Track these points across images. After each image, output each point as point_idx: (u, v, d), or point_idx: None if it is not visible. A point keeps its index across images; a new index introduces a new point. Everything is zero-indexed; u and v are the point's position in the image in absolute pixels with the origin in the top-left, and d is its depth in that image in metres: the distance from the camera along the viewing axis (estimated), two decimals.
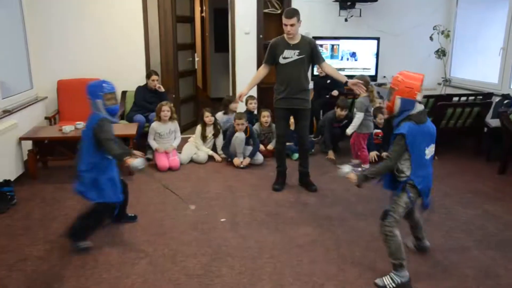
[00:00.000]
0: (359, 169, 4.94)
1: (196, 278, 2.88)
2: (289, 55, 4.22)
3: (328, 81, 6.07)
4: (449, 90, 6.88)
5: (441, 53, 6.84)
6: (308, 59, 4.25)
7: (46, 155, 5.09)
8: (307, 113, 4.39)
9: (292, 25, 4.10)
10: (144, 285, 2.81)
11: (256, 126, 5.60)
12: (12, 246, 3.29)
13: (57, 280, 2.86)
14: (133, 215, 3.76)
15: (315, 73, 6.37)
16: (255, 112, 5.93)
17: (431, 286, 2.80)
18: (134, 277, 2.90)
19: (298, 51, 4.20)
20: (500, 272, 2.97)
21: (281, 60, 4.25)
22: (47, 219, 3.78)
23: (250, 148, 5.32)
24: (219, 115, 5.82)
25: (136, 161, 3.10)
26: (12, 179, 4.29)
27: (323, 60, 4.38)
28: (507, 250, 3.26)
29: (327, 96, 6.15)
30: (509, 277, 2.91)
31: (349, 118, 5.64)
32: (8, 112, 4.67)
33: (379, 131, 5.50)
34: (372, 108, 5.16)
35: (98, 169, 3.19)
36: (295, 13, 4.11)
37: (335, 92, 6.06)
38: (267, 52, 4.38)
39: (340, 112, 5.51)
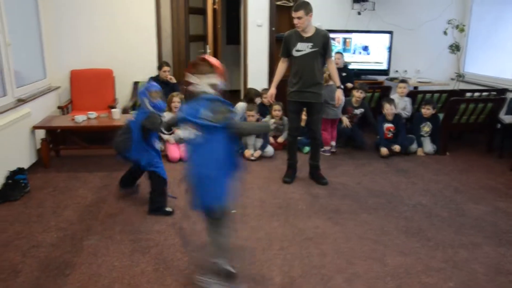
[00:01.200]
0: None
1: None
2: (302, 48, 4.21)
3: (344, 74, 6.05)
4: (463, 86, 6.82)
5: (455, 47, 6.78)
6: (322, 52, 4.22)
7: (58, 144, 5.14)
8: (319, 106, 4.38)
9: (299, 17, 4.09)
10: (154, 274, 2.83)
11: (267, 119, 5.60)
12: (25, 233, 3.34)
13: (69, 266, 2.89)
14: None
15: None
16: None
17: (441, 281, 2.80)
18: (144, 266, 2.93)
19: (311, 44, 4.18)
20: (511, 269, 2.95)
21: (294, 53, 4.25)
22: (60, 207, 3.83)
23: (261, 140, 5.32)
24: (241, 104, 5.81)
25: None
26: (25, 167, 4.35)
27: (331, 57, 4.36)
28: None
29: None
30: None
31: (365, 107, 5.63)
32: (22, 101, 4.71)
33: (391, 125, 5.47)
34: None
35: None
36: (302, 6, 4.09)
37: (349, 85, 6.03)
38: (282, 45, 4.38)
39: (358, 94, 5.54)
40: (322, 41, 4.19)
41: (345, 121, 5.57)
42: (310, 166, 4.61)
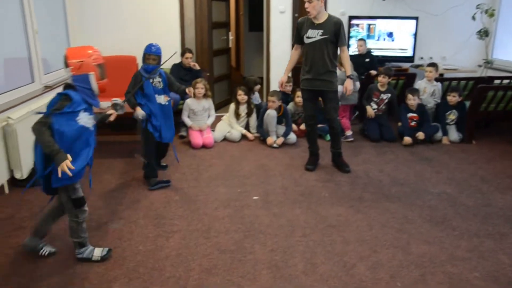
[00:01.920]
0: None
1: (229, 254, 2.93)
2: (313, 35, 4.16)
3: (367, 60, 5.95)
4: (491, 73, 6.64)
5: (483, 33, 6.59)
6: (333, 39, 4.15)
7: None
8: (332, 95, 4.31)
9: (309, 1, 4.04)
10: (178, 258, 2.88)
11: (290, 106, 5.58)
12: None
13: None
14: (165, 164, 4.46)
15: (353, 52, 6.27)
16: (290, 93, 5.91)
17: (466, 270, 2.76)
18: (168, 250, 2.97)
19: (321, 31, 4.13)
20: None
21: (305, 40, 4.21)
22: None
23: (283, 127, 5.31)
24: (257, 94, 5.86)
25: (138, 112, 3.90)
26: None
27: (344, 45, 4.24)
28: None
29: (364, 76, 6.01)
30: None
31: (391, 92, 5.54)
32: (49, 88, 4.80)
33: (414, 114, 5.39)
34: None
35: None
36: None
37: (373, 72, 5.94)
38: (295, 34, 4.37)
39: (381, 79, 5.47)
40: (333, 28, 4.11)
41: (369, 111, 5.50)
42: (332, 154, 4.58)
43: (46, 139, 2.45)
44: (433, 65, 5.66)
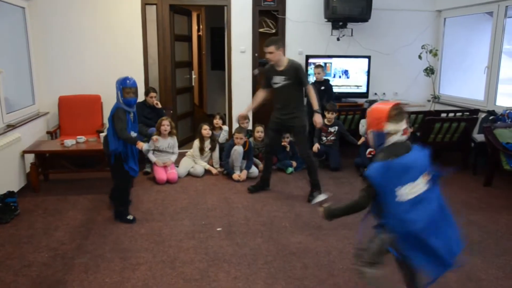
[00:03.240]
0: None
1: (194, 282, 3.04)
2: (278, 81, 4.57)
3: (322, 88, 6.25)
4: (438, 107, 7.12)
5: (429, 71, 7.09)
6: (296, 82, 4.53)
7: (47, 168, 5.25)
8: (301, 129, 4.64)
9: (270, 53, 4.45)
10: None
11: (252, 139, 5.80)
12: (17, 253, 3.44)
13: (61, 284, 3.00)
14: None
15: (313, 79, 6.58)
16: (249, 128, 6.16)
17: None
18: (134, 281, 3.05)
19: (284, 77, 4.53)
20: (481, 276, 3.14)
21: (273, 85, 4.63)
22: (50, 228, 3.93)
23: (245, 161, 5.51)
24: (225, 127, 6.14)
25: (145, 145, 3.95)
26: (15, 191, 4.44)
27: (307, 84, 4.61)
28: (488, 256, 3.44)
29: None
30: (489, 281, 3.09)
31: (338, 125, 5.88)
32: (11, 127, 4.84)
33: (372, 149, 5.70)
34: None
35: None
36: (272, 42, 4.46)
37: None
38: (263, 78, 4.78)
39: (329, 116, 5.84)
40: (294, 73, 4.51)
41: (314, 148, 5.79)
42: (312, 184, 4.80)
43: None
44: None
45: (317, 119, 4.58)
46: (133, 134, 4.00)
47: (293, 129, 4.70)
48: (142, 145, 3.93)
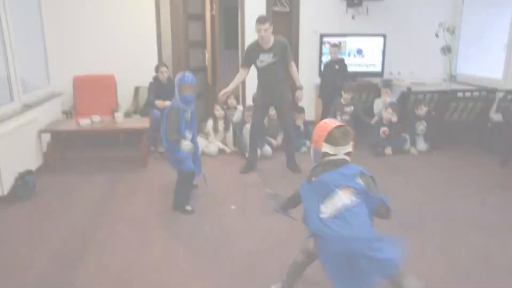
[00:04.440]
0: None
1: (208, 259, 3.09)
2: (265, 59, 4.58)
3: (337, 67, 6.18)
4: (454, 86, 6.99)
5: (446, 49, 6.96)
6: (283, 58, 4.59)
7: (64, 147, 5.32)
8: (288, 105, 4.79)
9: (265, 30, 4.44)
10: (161, 264, 3.01)
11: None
12: (36, 230, 3.52)
13: (79, 259, 3.08)
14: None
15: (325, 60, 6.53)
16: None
17: (428, 267, 2.97)
18: (151, 258, 3.11)
19: (272, 53, 4.55)
20: (496, 256, 3.13)
21: (258, 64, 4.63)
22: (67, 206, 4.01)
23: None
24: (240, 107, 6.20)
25: (185, 144, 3.68)
26: (33, 169, 4.52)
27: (291, 60, 4.68)
28: (504, 236, 3.43)
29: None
30: (503, 259, 3.08)
31: (354, 105, 5.86)
32: (28, 107, 4.89)
33: (386, 129, 5.71)
34: None
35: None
36: (267, 19, 4.52)
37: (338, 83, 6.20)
38: (244, 57, 4.81)
39: (345, 95, 5.83)
40: (281, 50, 4.55)
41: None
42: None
43: None
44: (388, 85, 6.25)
45: (299, 95, 4.74)
46: (188, 135, 3.88)
47: (282, 105, 4.77)
48: (186, 144, 3.70)
